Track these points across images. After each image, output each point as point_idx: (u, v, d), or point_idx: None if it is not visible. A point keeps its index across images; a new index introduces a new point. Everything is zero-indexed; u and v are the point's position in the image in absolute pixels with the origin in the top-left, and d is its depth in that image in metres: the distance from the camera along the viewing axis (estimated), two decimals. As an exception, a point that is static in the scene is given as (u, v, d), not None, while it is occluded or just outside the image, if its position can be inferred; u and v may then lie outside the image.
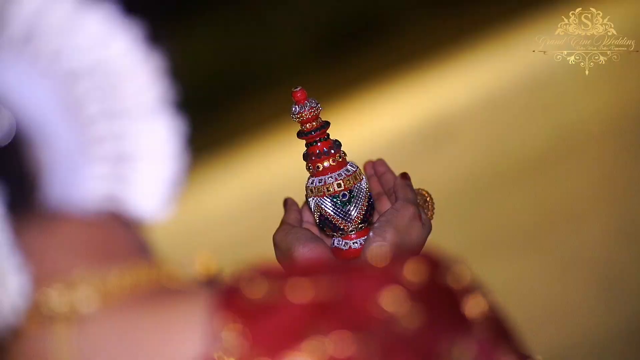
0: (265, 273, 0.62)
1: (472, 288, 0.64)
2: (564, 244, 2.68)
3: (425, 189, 1.04)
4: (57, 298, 0.60)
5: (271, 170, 3.44)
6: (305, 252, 0.98)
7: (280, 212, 1.07)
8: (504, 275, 2.59)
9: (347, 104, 3.71)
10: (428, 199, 1.03)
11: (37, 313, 0.60)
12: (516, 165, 3.12)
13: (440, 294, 0.62)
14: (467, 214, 2.93)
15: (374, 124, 3.62)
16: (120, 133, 0.63)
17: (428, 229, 1.00)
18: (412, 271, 0.62)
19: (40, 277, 0.60)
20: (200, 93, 3.63)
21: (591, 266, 2.57)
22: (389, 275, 0.62)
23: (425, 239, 0.99)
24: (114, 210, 0.63)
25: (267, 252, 1.05)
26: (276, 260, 1.02)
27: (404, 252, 0.84)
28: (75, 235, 0.62)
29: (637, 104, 3.26)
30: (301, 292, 0.60)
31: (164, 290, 0.63)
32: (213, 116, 3.61)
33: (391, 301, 0.60)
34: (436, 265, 0.63)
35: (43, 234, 0.61)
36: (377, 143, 3.48)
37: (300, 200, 1.08)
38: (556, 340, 2.36)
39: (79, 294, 0.61)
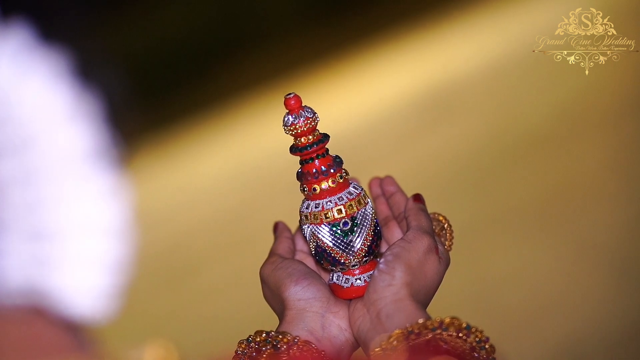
0: None
1: None
2: (574, 226, 2.56)
3: (443, 213, 0.88)
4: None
5: (261, 138, 3.27)
6: (298, 290, 0.83)
7: (268, 188, 0.91)
8: (510, 260, 2.47)
9: (339, 69, 3.53)
10: (446, 225, 0.87)
11: None
12: (524, 140, 2.97)
13: None
14: (470, 194, 2.78)
15: (368, 93, 3.44)
16: (39, 201, 0.47)
17: (446, 263, 0.83)
18: None
19: None
20: (185, 54, 3.51)
21: (603, 251, 2.45)
22: None
23: (442, 276, 0.83)
24: (35, 303, 0.48)
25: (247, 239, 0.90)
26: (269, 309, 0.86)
27: (422, 348, 0.68)
28: None
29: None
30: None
31: None
32: (197, 78, 3.48)
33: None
34: None
35: None
36: (371, 114, 3.31)
37: (293, 224, 0.92)
38: (565, 329, 2.24)
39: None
